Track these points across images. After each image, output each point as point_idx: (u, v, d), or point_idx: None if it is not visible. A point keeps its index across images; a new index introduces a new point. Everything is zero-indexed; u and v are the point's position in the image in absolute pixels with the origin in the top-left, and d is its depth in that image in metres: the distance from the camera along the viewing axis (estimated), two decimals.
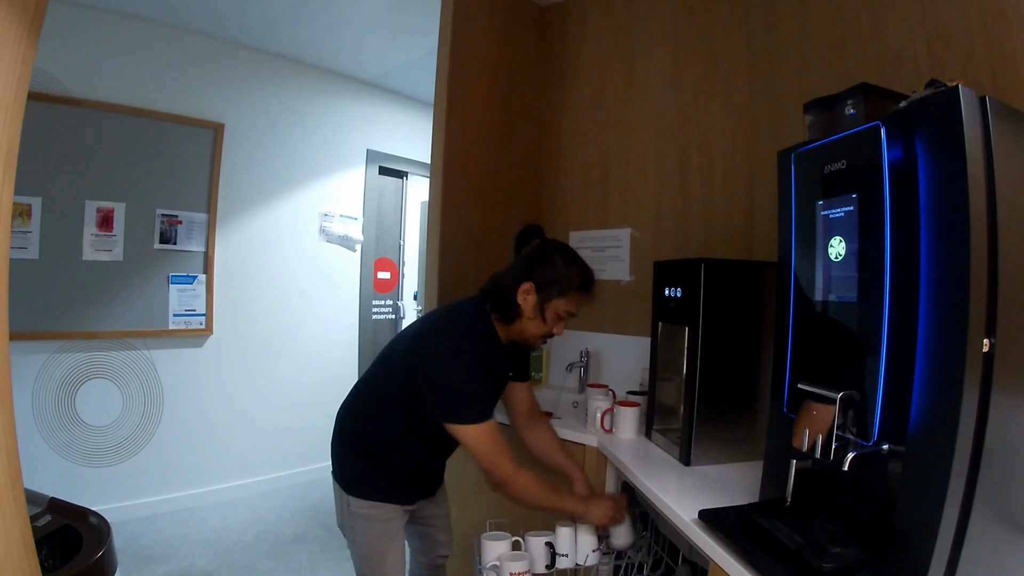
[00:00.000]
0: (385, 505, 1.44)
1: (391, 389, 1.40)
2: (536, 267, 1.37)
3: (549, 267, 1.37)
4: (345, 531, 1.49)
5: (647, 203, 2.21)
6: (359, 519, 1.43)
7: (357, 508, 1.43)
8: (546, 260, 1.38)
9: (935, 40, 1.27)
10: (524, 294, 1.36)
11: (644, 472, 1.40)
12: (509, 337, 1.44)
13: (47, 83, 2.60)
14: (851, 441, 0.85)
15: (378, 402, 1.44)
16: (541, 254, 1.40)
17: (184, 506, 3.04)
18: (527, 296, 1.36)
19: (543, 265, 1.37)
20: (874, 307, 0.82)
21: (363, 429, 1.46)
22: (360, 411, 1.49)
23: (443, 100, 2.15)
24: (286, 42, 3.26)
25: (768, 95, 1.83)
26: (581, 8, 2.48)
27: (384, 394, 1.42)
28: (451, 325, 1.40)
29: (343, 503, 1.46)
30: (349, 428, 1.50)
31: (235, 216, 3.24)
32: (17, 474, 0.73)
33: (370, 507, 1.43)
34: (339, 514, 1.51)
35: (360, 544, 1.45)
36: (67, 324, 2.71)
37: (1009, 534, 0.82)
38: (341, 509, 1.48)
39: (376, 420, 1.44)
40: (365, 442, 1.45)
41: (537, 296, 1.36)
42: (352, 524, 1.44)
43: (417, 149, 4.07)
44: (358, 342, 3.85)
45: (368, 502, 1.43)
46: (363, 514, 1.42)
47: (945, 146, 0.75)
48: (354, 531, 1.45)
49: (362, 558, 1.46)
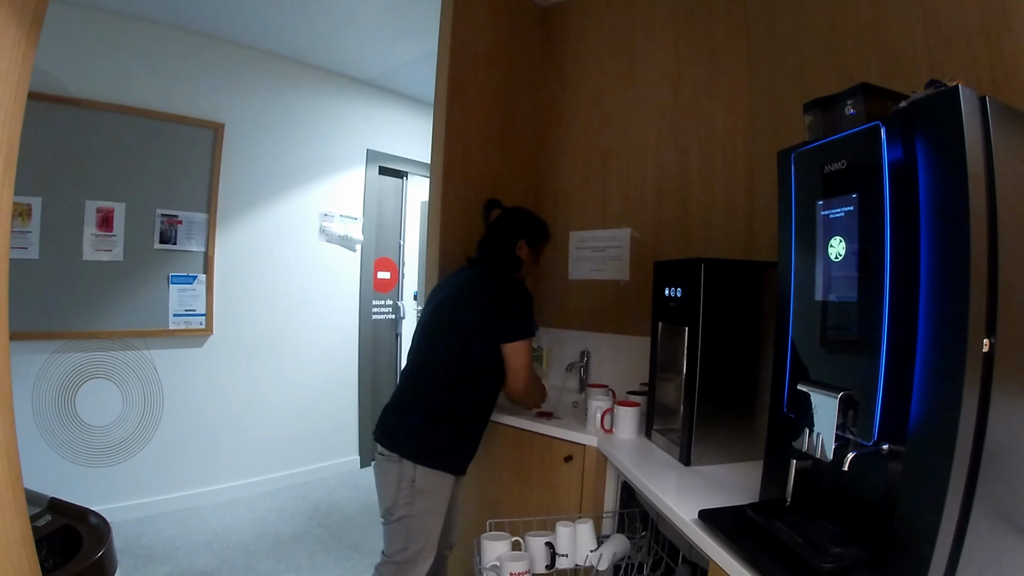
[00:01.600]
0: (449, 477, 1.59)
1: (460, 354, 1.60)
2: (518, 226, 1.81)
3: (527, 224, 1.83)
4: (397, 510, 1.56)
5: (647, 203, 2.21)
6: (422, 495, 1.55)
7: (424, 483, 1.54)
8: (523, 219, 1.85)
9: (935, 40, 1.27)
10: (521, 248, 1.79)
11: (644, 472, 1.40)
12: None
13: (47, 83, 2.60)
14: (851, 441, 0.85)
15: (452, 371, 1.61)
16: (517, 216, 1.86)
17: (184, 506, 3.04)
18: (523, 249, 1.79)
19: (523, 223, 1.83)
20: (874, 307, 0.82)
21: (442, 401, 1.59)
22: (435, 385, 1.62)
23: (443, 100, 2.15)
24: (286, 42, 3.26)
25: (768, 95, 1.83)
26: (581, 8, 2.48)
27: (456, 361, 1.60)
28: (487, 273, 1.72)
29: (406, 478, 1.54)
30: (426, 404, 1.60)
31: (235, 216, 3.24)
32: (17, 474, 0.73)
33: (437, 480, 1.56)
34: (395, 492, 1.56)
35: (418, 518, 1.55)
36: (67, 324, 2.71)
37: (1009, 534, 0.82)
38: (400, 486, 1.55)
39: (454, 391, 1.60)
40: (445, 414, 1.59)
41: (528, 247, 1.80)
42: (412, 500, 1.54)
43: (417, 149, 4.07)
44: (358, 342, 3.85)
45: (440, 473, 1.56)
46: (427, 488, 1.55)
47: (945, 146, 0.75)
48: (413, 506, 1.55)
49: (414, 532, 1.56)
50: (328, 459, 3.71)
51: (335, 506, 3.21)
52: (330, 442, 3.73)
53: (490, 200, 1.96)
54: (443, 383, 1.61)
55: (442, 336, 1.66)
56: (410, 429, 1.59)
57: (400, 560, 1.57)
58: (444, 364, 1.62)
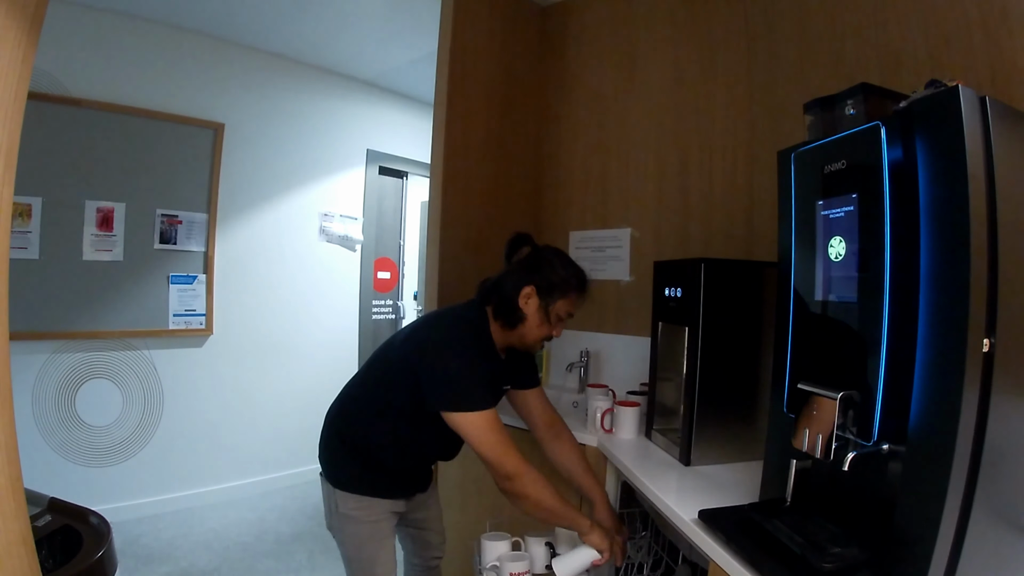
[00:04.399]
0: (374, 502, 1.40)
1: (386, 391, 1.38)
2: (535, 271, 1.38)
3: (548, 270, 1.38)
4: (334, 533, 1.45)
5: (647, 203, 2.21)
6: (347, 521, 1.39)
7: (345, 508, 1.39)
8: (544, 263, 1.39)
9: (935, 40, 1.27)
10: (526, 298, 1.36)
11: (644, 472, 1.40)
12: (507, 342, 1.43)
13: (47, 83, 2.60)
14: (851, 441, 0.85)
15: (373, 405, 1.41)
16: (538, 258, 1.41)
17: (184, 506, 3.04)
18: (528, 300, 1.37)
19: (541, 269, 1.38)
20: (874, 307, 0.81)
21: (355, 432, 1.42)
22: (353, 415, 1.45)
23: (443, 100, 2.15)
24: (286, 42, 3.26)
25: (768, 95, 1.83)
26: (581, 8, 2.47)
27: (379, 396, 1.40)
28: (450, 320, 1.41)
29: (331, 503, 1.42)
30: (339, 430, 1.45)
31: (235, 216, 3.24)
32: (17, 474, 0.73)
33: (359, 505, 1.39)
34: (328, 515, 1.46)
35: (349, 546, 1.42)
36: (67, 324, 2.71)
37: (1009, 534, 0.82)
38: (329, 510, 1.44)
39: (368, 425, 1.40)
40: (356, 445, 1.41)
41: (539, 299, 1.37)
42: (340, 526, 1.41)
43: (417, 149, 4.07)
44: (358, 342, 3.85)
45: (357, 498, 1.39)
46: (351, 515, 1.39)
47: (945, 146, 0.75)
48: (342, 532, 1.41)
49: (352, 561, 1.42)
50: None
51: None
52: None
53: (518, 235, 1.47)
54: (347, 414, 1.46)
55: (376, 365, 1.47)
56: (326, 453, 1.47)
57: None
58: (364, 394, 1.45)
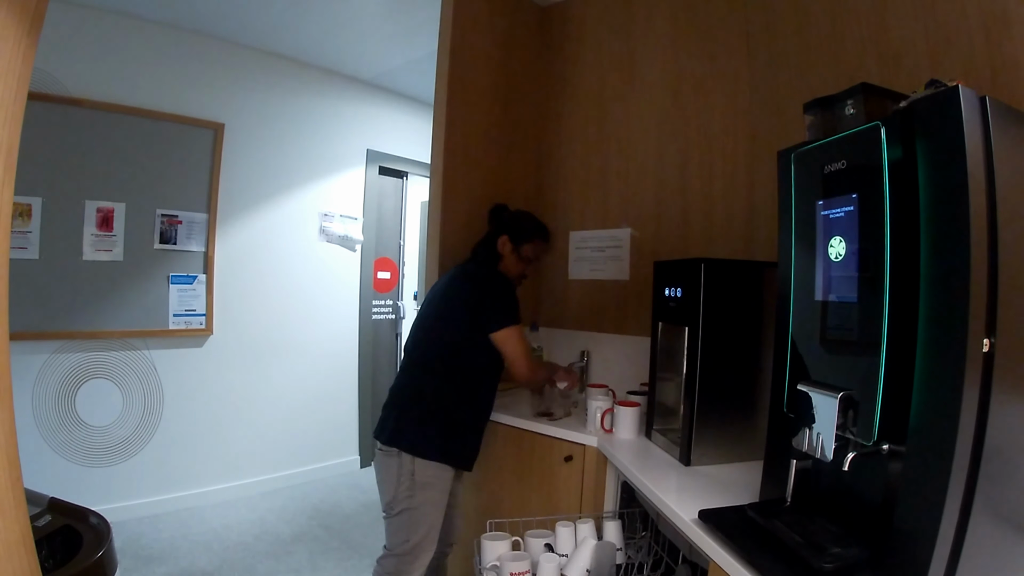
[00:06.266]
0: (447, 471, 1.62)
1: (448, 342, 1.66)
2: (508, 225, 1.89)
3: (516, 224, 1.90)
4: (398, 503, 1.59)
5: (647, 203, 2.21)
6: (424, 488, 1.58)
7: (423, 476, 1.58)
8: (514, 220, 1.92)
9: (935, 40, 1.27)
10: (503, 244, 1.86)
11: (644, 472, 1.40)
12: None
13: (47, 83, 2.60)
14: (851, 441, 0.85)
15: (442, 362, 1.65)
16: (511, 216, 1.95)
17: (184, 506, 3.04)
18: (504, 244, 1.86)
19: (513, 223, 1.90)
20: (874, 307, 0.81)
21: (432, 396, 1.63)
22: (426, 381, 1.66)
23: (443, 100, 2.15)
24: (286, 42, 3.26)
25: (768, 95, 1.83)
26: (581, 8, 2.48)
27: (443, 352, 1.66)
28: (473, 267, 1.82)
29: (406, 471, 1.57)
30: (413, 398, 1.65)
31: (235, 216, 3.24)
32: (17, 474, 0.73)
33: (437, 472, 1.59)
34: (395, 486, 1.59)
35: (419, 510, 1.58)
36: (67, 324, 2.71)
37: (1009, 534, 0.82)
38: (400, 479, 1.58)
39: (445, 381, 1.64)
40: (433, 409, 1.62)
41: (512, 244, 1.86)
42: (414, 494, 1.58)
43: (417, 149, 4.07)
44: (358, 342, 3.85)
45: (436, 466, 1.59)
46: (429, 482, 1.58)
47: (945, 146, 0.75)
48: (413, 499, 1.58)
49: (415, 524, 1.59)
50: (328, 459, 3.71)
51: (335, 506, 3.21)
52: (330, 442, 3.73)
53: (496, 205, 2.03)
54: (432, 375, 1.66)
55: (430, 329, 1.73)
56: (407, 422, 1.63)
57: (401, 552, 1.60)
58: (433, 357, 1.68)
